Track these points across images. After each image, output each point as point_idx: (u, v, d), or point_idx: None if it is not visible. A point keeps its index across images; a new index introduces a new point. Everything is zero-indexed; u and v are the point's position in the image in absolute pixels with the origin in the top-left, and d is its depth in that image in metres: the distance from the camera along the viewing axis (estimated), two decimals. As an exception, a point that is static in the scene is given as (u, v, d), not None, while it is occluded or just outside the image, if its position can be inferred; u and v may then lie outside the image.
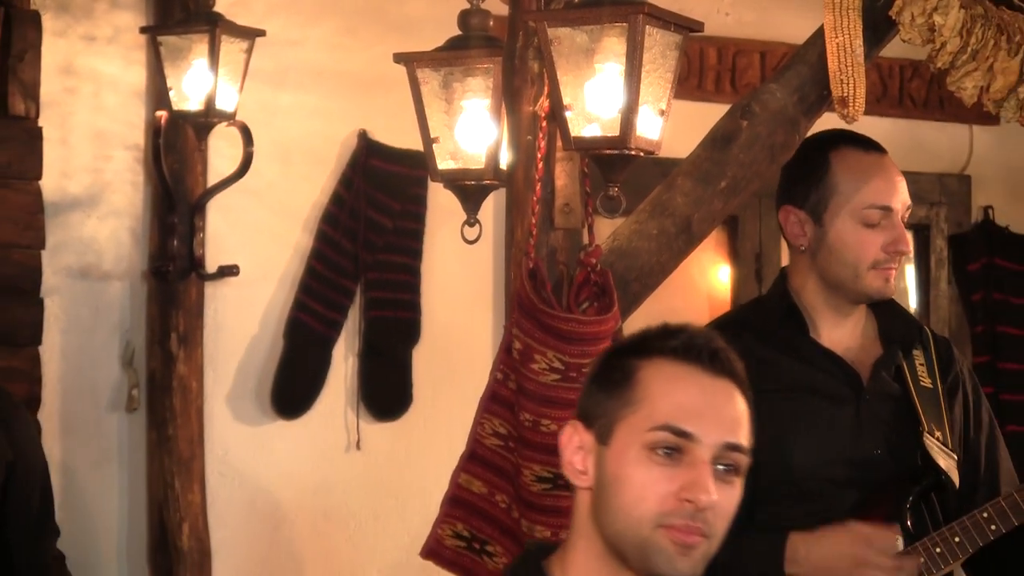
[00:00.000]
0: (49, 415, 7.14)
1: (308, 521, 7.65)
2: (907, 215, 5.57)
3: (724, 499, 3.64)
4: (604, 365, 3.81)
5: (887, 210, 5.47)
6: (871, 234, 5.45)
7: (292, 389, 7.68)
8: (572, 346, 5.27)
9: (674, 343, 3.72)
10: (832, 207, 5.51)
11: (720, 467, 3.63)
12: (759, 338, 5.54)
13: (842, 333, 5.60)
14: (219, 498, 7.50)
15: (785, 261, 5.78)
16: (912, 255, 8.84)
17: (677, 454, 3.62)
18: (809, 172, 5.56)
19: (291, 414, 7.66)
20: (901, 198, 5.54)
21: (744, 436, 3.70)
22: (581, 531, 3.75)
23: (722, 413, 3.69)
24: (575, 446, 3.76)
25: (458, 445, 5.84)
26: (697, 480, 3.60)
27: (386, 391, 7.77)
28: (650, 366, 3.71)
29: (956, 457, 5.57)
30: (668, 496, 3.60)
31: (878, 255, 5.45)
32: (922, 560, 5.39)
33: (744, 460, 3.69)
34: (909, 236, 5.64)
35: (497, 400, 5.54)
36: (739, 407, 3.72)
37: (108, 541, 7.06)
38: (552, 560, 3.80)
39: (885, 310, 5.69)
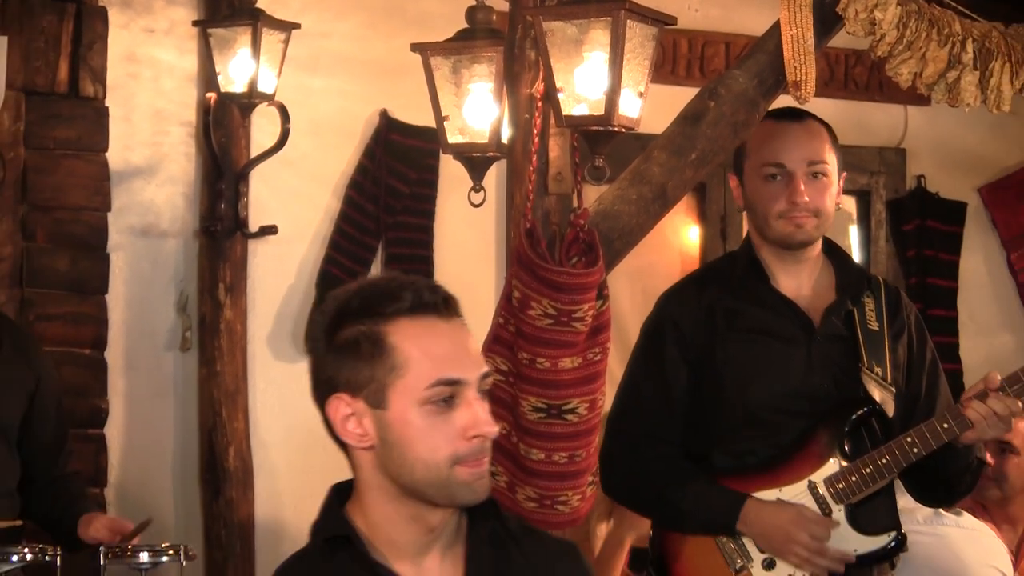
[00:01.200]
0: (114, 354, 7.16)
1: (335, 445, 7.65)
2: (811, 171, 5.47)
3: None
4: (348, 338, 3.62)
5: (781, 167, 5.46)
6: (771, 187, 5.44)
7: (321, 326, 7.65)
8: (563, 295, 5.29)
9: (406, 303, 3.59)
10: (746, 168, 5.53)
11: (480, 393, 3.56)
12: (727, 289, 5.56)
13: (798, 282, 5.59)
14: (260, 425, 7.51)
15: (747, 225, 5.79)
16: (855, 217, 8.84)
17: (452, 399, 3.54)
18: (741, 142, 5.62)
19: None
20: (799, 156, 5.48)
21: (484, 362, 3.63)
22: (370, 483, 3.64)
23: (471, 351, 3.62)
24: (345, 415, 3.62)
25: (464, 379, 5.87)
26: (477, 417, 3.54)
27: (404, 333, 7.77)
28: (397, 330, 3.57)
29: (893, 391, 5.55)
30: (455, 438, 3.53)
31: (782, 206, 5.43)
32: (851, 558, 5.43)
33: (490, 380, 3.62)
34: (826, 193, 5.59)
35: (499, 341, 5.56)
36: (472, 339, 3.65)
37: (164, 462, 7.07)
38: (351, 508, 3.73)
39: (840, 263, 5.69)
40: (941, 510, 6.20)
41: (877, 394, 5.50)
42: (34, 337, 6.18)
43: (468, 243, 7.78)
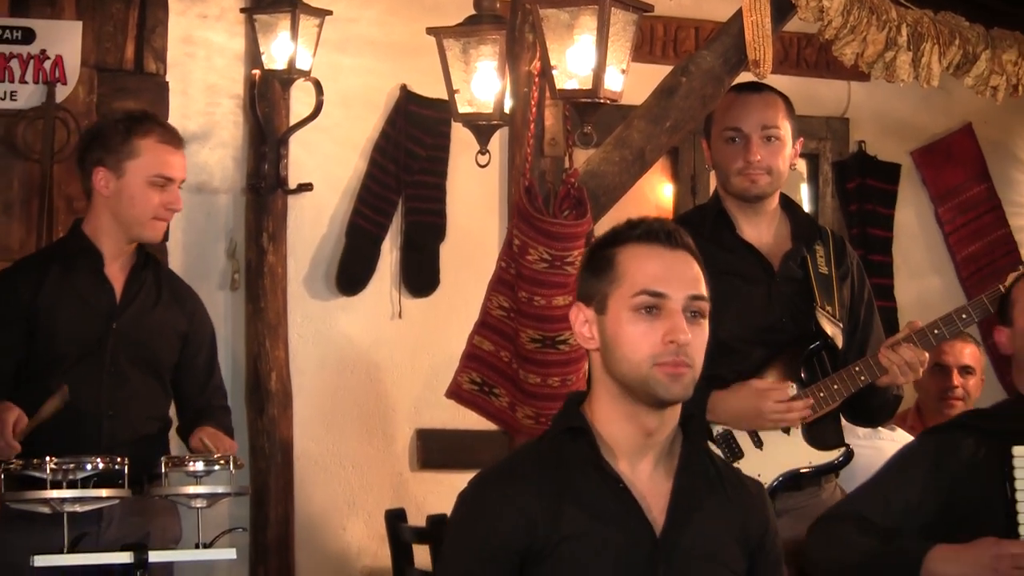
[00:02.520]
0: (177, 292, 7.20)
1: (363, 370, 7.67)
2: (765, 134, 5.49)
3: (696, 337, 3.63)
4: (591, 258, 3.77)
5: (738, 130, 5.48)
6: (731, 148, 5.46)
7: (351, 274, 7.68)
8: (556, 243, 5.30)
9: (638, 231, 3.70)
10: (712, 133, 5.57)
11: (689, 314, 3.62)
12: (699, 235, 5.55)
13: (759, 231, 5.60)
14: (298, 354, 7.52)
15: (714, 183, 5.79)
16: (805, 176, 8.84)
17: (656, 310, 3.61)
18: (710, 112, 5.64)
19: (350, 292, 7.67)
20: (755, 121, 5.50)
21: (702, 288, 3.69)
22: (599, 382, 3.70)
23: (684, 275, 3.67)
24: (582, 321, 3.72)
25: (473, 315, 5.87)
26: (675, 326, 3.58)
27: (420, 275, 7.77)
28: (624, 251, 3.68)
29: (842, 326, 5.58)
30: (656, 342, 3.58)
31: (739, 164, 5.46)
32: (811, 401, 5.42)
33: (705, 306, 3.69)
34: (779, 154, 5.60)
35: (502, 282, 5.56)
36: (695, 269, 3.72)
37: (217, 384, 7.11)
38: (584, 407, 3.73)
39: (795, 215, 5.70)
40: (883, 427, 6.23)
41: (829, 329, 5.53)
42: (189, 286, 6.13)
43: (475, 198, 7.77)
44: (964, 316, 5.45)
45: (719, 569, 3.62)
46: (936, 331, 5.41)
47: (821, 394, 5.42)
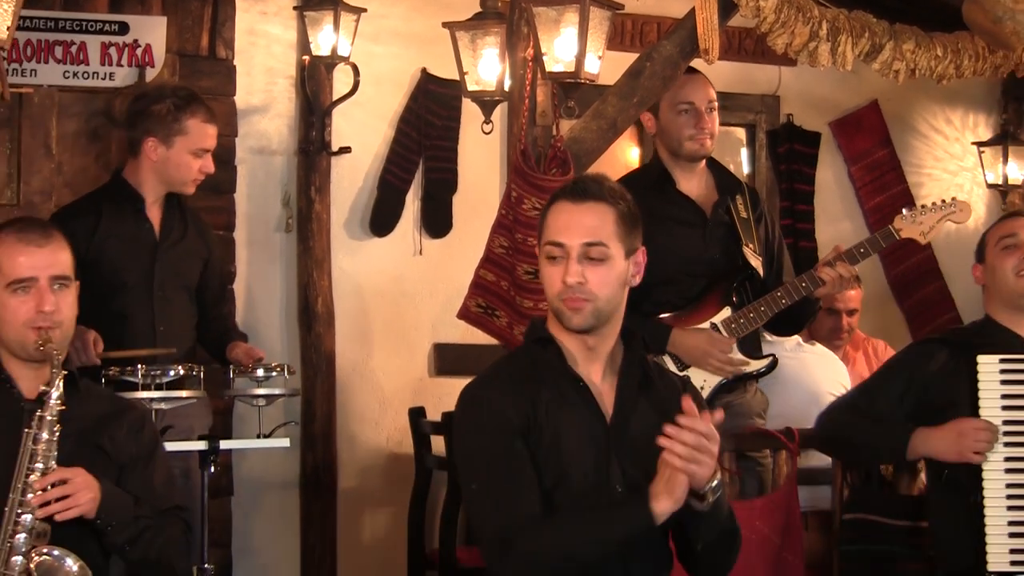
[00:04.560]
0: (240, 235, 7.15)
1: (391, 297, 7.66)
2: (709, 107, 5.62)
3: (596, 275, 3.57)
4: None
5: (691, 104, 5.52)
6: (684, 118, 5.53)
7: (381, 219, 7.66)
8: (546, 194, 5.23)
9: (562, 190, 3.72)
10: (662, 107, 5.61)
11: (586, 259, 3.55)
12: (648, 188, 5.58)
13: (694, 185, 5.67)
14: (339, 283, 7.50)
15: (657, 144, 5.82)
16: (744, 143, 8.82)
17: (557, 258, 3.60)
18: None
19: (381, 234, 7.64)
20: (703, 97, 5.59)
21: (602, 234, 3.59)
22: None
23: (581, 225, 3.58)
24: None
25: (479, 253, 5.86)
26: (568, 270, 3.56)
27: (437, 220, 7.74)
28: (549, 207, 3.69)
29: (762, 260, 5.62)
30: (558, 282, 3.57)
31: (691, 131, 5.54)
32: (743, 365, 5.50)
33: (603, 250, 3.59)
34: (716, 122, 5.67)
35: (502, 226, 5.56)
36: (596, 219, 3.61)
37: (273, 308, 7.08)
38: (548, 325, 3.71)
39: (719, 172, 5.76)
40: (801, 341, 6.24)
41: (753, 261, 5.60)
42: (205, 220, 6.20)
43: (481, 159, 7.75)
44: (878, 240, 5.60)
45: (656, 450, 3.49)
46: (861, 250, 5.50)
47: (751, 315, 5.50)
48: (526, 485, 3.50)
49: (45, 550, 3.70)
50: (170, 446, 5.20)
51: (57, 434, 3.78)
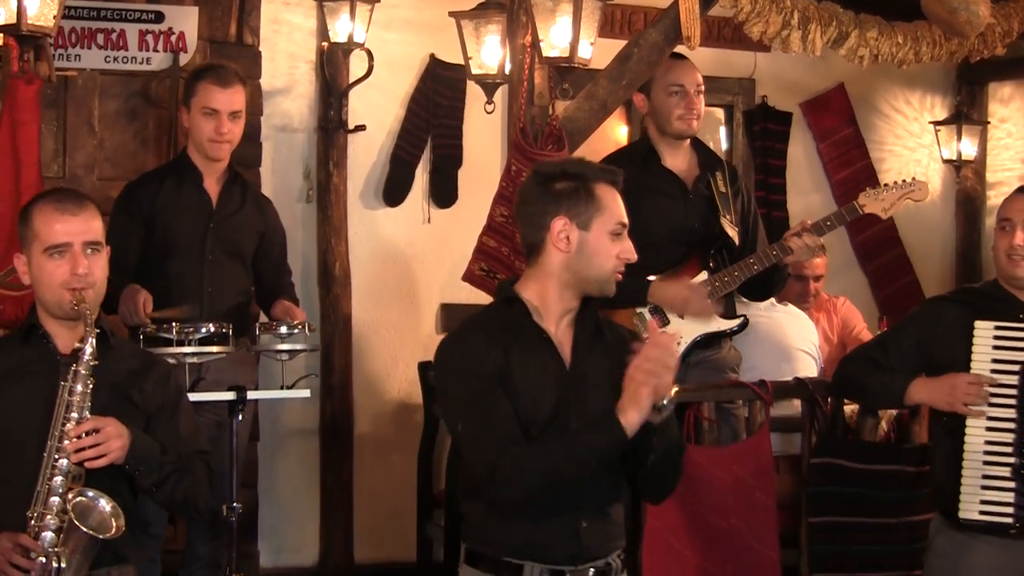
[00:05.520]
0: (266, 204, 7.18)
1: (402, 260, 7.64)
2: (698, 89, 5.59)
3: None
4: (567, 187, 3.66)
5: (681, 87, 5.52)
6: (674, 100, 5.62)
7: (393, 191, 7.64)
8: (543, 168, 5.27)
9: (611, 176, 3.71)
10: (654, 88, 5.58)
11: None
12: (636, 163, 5.59)
13: (678, 161, 5.65)
14: (355, 247, 7.48)
15: (647, 123, 5.79)
16: (723, 121, 8.80)
17: (621, 235, 3.68)
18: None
19: (393, 204, 7.63)
20: (691, 80, 5.57)
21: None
22: (554, 273, 3.67)
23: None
24: (564, 231, 3.64)
25: (482, 221, 5.85)
26: (625, 247, 3.68)
27: (444, 191, 7.72)
28: (600, 187, 3.66)
29: (738, 230, 5.62)
30: (616, 257, 3.68)
31: (681, 111, 5.54)
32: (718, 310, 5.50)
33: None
34: (702, 104, 5.65)
35: (503, 197, 5.55)
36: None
37: (295, 271, 6.98)
38: (519, 287, 3.73)
39: (702, 149, 5.74)
40: (775, 301, 6.24)
41: (729, 231, 5.60)
42: (267, 198, 6.20)
43: (484, 136, 7.72)
44: (845, 213, 5.59)
45: (607, 389, 3.61)
46: (828, 223, 5.50)
47: (726, 279, 5.49)
48: (506, 417, 3.54)
49: (78, 491, 3.71)
50: (203, 396, 5.25)
51: (91, 386, 3.79)
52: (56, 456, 3.73)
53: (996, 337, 4.45)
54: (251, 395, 5.34)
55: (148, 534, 5.63)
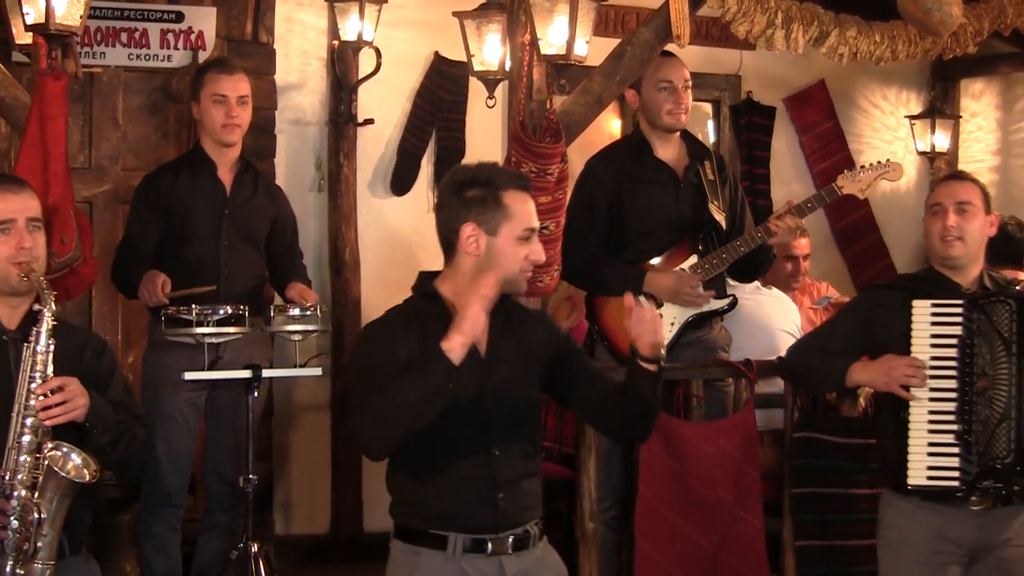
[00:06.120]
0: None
1: (408, 245, 7.64)
2: (685, 85, 5.59)
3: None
4: (476, 194, 3.70)
5: (670, 83, 5.52)
6: (664, 95, 5.59)
7: (400, 179, 7.64)
8: (541, 159, 5.27)
9: (517, 182, 3.73)
10: (644, 85, 5.58)
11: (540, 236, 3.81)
12: (630, 155, 5.60)
13: (669, 152, 5.64)
14: (364, 234, 7.49)
15: (639, 117, 5.78)
16: (711, 115, 8.80)
17: (528, 239, 3.69)
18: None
19: (399, 193, 7.63)
20: (680, 77, 5.57)
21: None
22: (471, 273, 3.68)
23: (535, 214, 3.77)
24: (470, 235, 3.67)
25: (483, 209, 5.84)
26: (534, 249, 3.71)
27: (448, 182, 7.76)
28: (509, 195, 3.68)
29: (725, 215, 5.62)
30: (522, 259, 3.69)
31: (670, 106, 5.53)
32: (709, 294, 5.50)
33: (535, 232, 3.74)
34: (690, 99, 5.64)
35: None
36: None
37: (308, 257, 6.98)
38: (438, 283, 3.79)
39: (691, 141, 5.74)
40: (759, 285, 6.23)
41: (717, 217, 5.60)
42: (277, 185, 6.27)
43: (485, 129, 7.72)
44: (823, 196, 5.60)
45: (521, 373, 3.76)
46: (808, 205, 5.52)
47: (715, 260, 5.52)
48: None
49: (52, 446, 3.70)
50: (221, 374, 5.27)
51: (51, 348, 3.76)
52: (24, 414, 3.71)
53: (933, 314, 4.46)
54: (266, 373, 5.35)
55: (170, 504, 5.65)
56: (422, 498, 3.68)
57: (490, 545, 3.66)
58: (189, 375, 5.21)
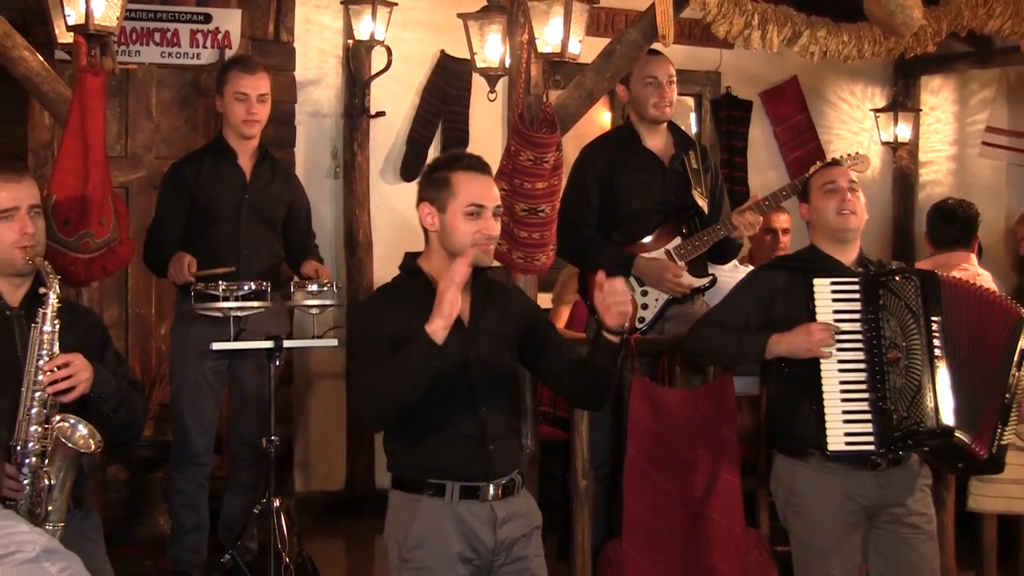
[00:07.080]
0: (301, 179, 7.12)
1: (416, 227, 7.50)
2: (672, 83, 5.58)
3: (495, 225, 3.78)
4: (436, 177, 3.75)
5: (655, 78, 5.52)
6: (649, 90, 5.54)
7: (409, 167, 7.64)
8: (537, 149, 5.23)
9: (463, 163, 3.74)
10: (633, 80, 5.58)
11: (493, 216, 3.73)
12: (620, 144, 5.59)
13: (656, 142, 5.63)
14: (376, 218, 7.49)
15: (628, 110, 5.77)
16: (693, 108, 8.78)
17: (477, 215, 3.69)
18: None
19: (409, 180, 7.62)
20: (665, 73, 5.57)
21: (498, 198, 3.76)
22: (437, 249, 3.75)
23: (492, 192, 3.75)
24: (426, 213, 3.74)
25: (485, 194, 5.83)
26: (487, 224, 3.70)
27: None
28: (456, 176, 3.71)
29: (708, 201, 5.61)
30: (475, 232, 3.69)
31: (655, 99, 5.50)
32: (691, 284, 5.49)
33: (500, 209, 3.76)
34: (675, 93, 5.63)
35: (503, 173, 5.49)
36: (494, 187, 3.81)
37: (325, 236, 7.04)
38: (421, 260, 3.82)
39: (677, 132, 5.72)
40: (738, 264, 6.23)
41: (700, 202, 5.59)
42: (293, 172, 6.26)
43: (487, 121, 7.71)
44: (784, 193, 5.55)
45: (500, 342, 3.83)
46: (767, 202, 5.49)
47: (697, 243, 5.51)
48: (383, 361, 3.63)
49: (60, 418, 3.67)
50: (245, 344, 5.27)
51: (57, 326, 3.73)
52: (34, 389, 3.67)
53: (834, 291, 4.45)
54: (286, 344, 5.35)
55: (198, 463, 5.65)
56: (421, 453, 3.74)
57: (482, 492, 3.73)
58: (217, 345, 5.23)
